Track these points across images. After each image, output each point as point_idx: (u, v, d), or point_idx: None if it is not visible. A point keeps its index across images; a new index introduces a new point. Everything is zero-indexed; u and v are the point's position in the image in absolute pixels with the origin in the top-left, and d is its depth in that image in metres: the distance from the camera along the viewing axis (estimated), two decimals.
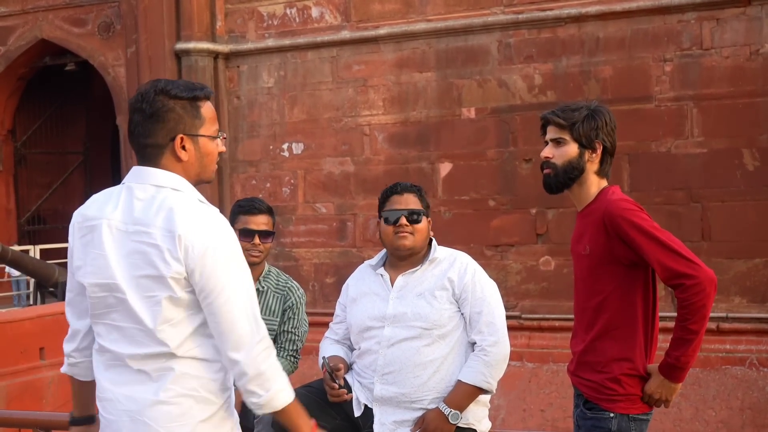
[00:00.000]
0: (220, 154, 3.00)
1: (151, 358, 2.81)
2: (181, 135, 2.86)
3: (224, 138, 3.03)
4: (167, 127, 2.85)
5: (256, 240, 4.78)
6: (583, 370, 3.53)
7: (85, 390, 3.15)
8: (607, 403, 3.45)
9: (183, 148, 2.87)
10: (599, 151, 3.54)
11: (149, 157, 2.88)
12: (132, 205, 2.84)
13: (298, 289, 4.94)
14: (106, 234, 2.85)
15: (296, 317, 4.86)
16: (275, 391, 2.83)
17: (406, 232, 4.08)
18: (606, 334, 3.45)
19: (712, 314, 11.20)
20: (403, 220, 4.08)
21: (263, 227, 4.80)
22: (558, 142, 3.57)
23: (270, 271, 4.91)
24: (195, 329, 2.83)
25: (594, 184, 3.57)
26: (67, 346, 3.10)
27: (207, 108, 2.93)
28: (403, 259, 4.14)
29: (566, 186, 3.60)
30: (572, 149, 3.54)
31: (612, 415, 3.43)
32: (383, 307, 4.08)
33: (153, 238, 2.77)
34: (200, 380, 2.83)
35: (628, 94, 11.64)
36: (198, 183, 2.95)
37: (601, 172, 3.57)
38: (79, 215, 2.98)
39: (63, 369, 3.16)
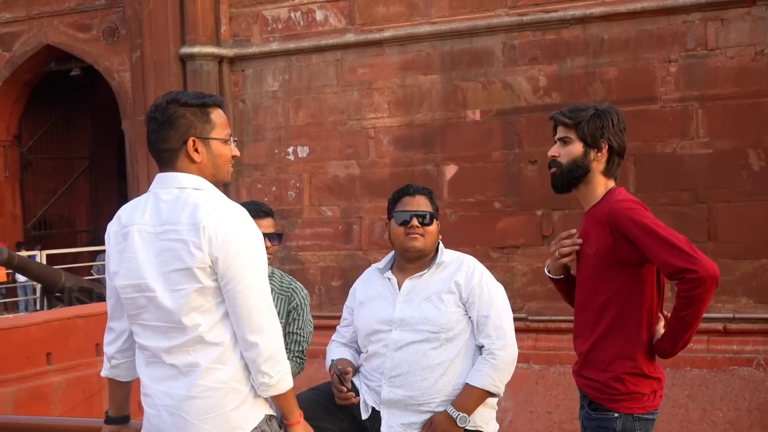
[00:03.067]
0: (234, 157, 3.21)
1: (181, 350, 3.02)
2: (192, 138, 3.09)
3: (236, 141, 3.23)
4: (179, 131, 3.08)
5: (267, 243, 4.79)
6: (588, 370, 3.54)
7: (123, 391, 3.39)
8: (611, 403, 3.45)
9: (196, 150, 3.09)
10: (605, 151, 3.54)
11: (167, 161, 3.11)
12: (159, 208, 3.07)
13: (302, 290, 4.93)
14: (137, 238, 3.08)
15: (301, 318, 4.85)
16: (283, 373, 3.05)
17: (417, 234, 4.08)
18: (610, 333, 3.46)
19: (719, 315, 11.18)
20: (415, 221, 4.08)
21: (270, 230, 4.80)
22: (564, 141, 3.59)
23: (273, 273, 4.91)
24: (222, 316, 3.03)
25: (601, 184, 3.57)
26: (110, 349, 3.30)
27: (217, 114, 3.16)
28: (411, 261, 4.14)
29: (572, 185, 3.60)
30: (577, 148, 3.56)
31: (616, 415, 3.44)
32: (390, 311, 4.08)
33: (179, 234, 2.99)
34: (227, 372, 3.02)
35: (633, 95, 11.63)
36: (215, 183, 3.16)
37: (608, 173, 3.57)
38: (114, 224, 3.20)
39: (104, 372, 3.35)
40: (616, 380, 3.44)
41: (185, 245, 2.97)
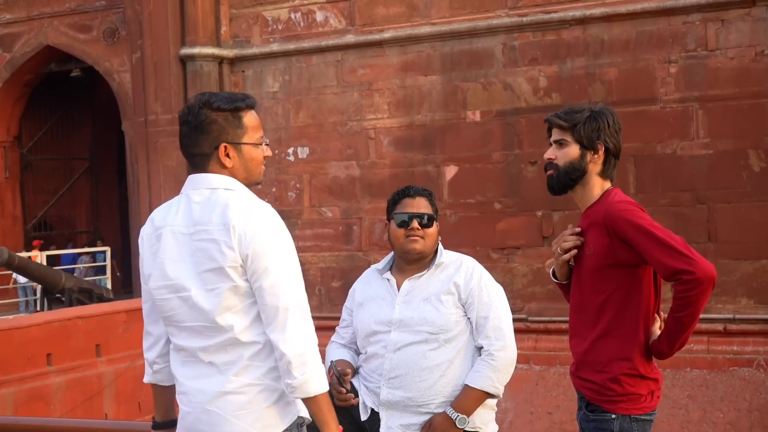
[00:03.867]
0: (266, 157, 3.22)
1: (219, 348, 3.03)
2: (224, 144, 3.08)
3: (267, 144, 3.23)
4: (211, 137, 3.08)
5: None
6: (585, 371, 3.54)
7: (167, 395, 3.37)
8: (608, 404, 3.45)
9: (227, 155, 3.09)
10: (601, 152, 3.54)
11: (198, 164, 3.12)
12: (190, 209, 3.08)
13: None
14: (169, 239, 3.10)
15: None
16: (310, 374, 2.97)
17: (417, 236, 4.07)
18: (608, 334, 3.46)
19: (719, 316, 11.18)
20: (415, 224, 4.07)
21: None
22: (561, 144, 3.59)
23: None
24: (257, 316, 3.02)
25: (597, 185, 3.57)
26: (150, 354, 3.31)
27: (249, 117, 3.14)
28: (411, 263, 4.14)
29: (568, 187, 3.60)
30: (574, 150, 3.56)
31: (613, 416, 3.43)
32: (390, 312, 4.08)
33: (211, 234, 3.01)
34: (262, 369, 3.03)
35: (633, 96, 11.64)
36: (247, 185, 3.16)
37: (604, 174, 3.58)
38: (147, 227, 3.21)
39: (146, 379, 3.36)
40: (613, 381, 3.44)
41: (217, 245, 2.98)
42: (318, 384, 3.00)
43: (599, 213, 3.47)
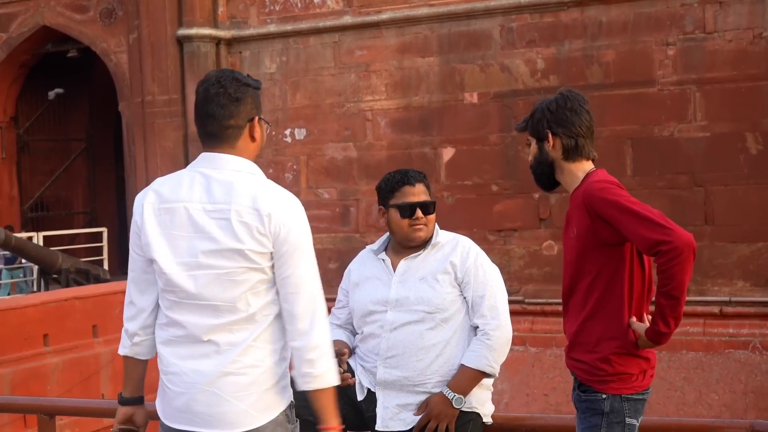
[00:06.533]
0: None
1: (224, 327, 3.03)
2: (257, 117, 3.16)
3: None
4: (246, 109, 3.13)
5: None
6: (576, 351, 3.56)
7: (140, 370, 3.34)
8: (599, 384, 3.46)
9: (256, 130, 3.16)
10: (551, 139, 3.58)
11: (228, 138, 3.11)
12: (210, 188, 3.06)
13: None
14: (184, 215, 3.07)
15: None
16: (329, 367, 3.07)
17: (422, 224, 4.09)
18: (596, 314, 3.47)
19: (715, 298, 11.18)
20: (419, 213, 4.09)
21: None
22: (528, 144, 3.73)
23: None
24: (272, 298, 3.08)
25: (576, 169, 3.60)
26: (132, 325, 3.26)
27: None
28: (412, 248, 4.15)
29: (547, 179, 3.71)
30: (534, 146, 3.69)
31: (604, 396, 3.44)
32: (386, 292, 4.08)
33: (241, 216, 3.00)
34: (265, 351, 3.06)
35: (630, 79, 11.63)
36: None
37: (568, 157, 3.61)
38: (152, 197, 3.14)
39: (122, 350, 3.31)
40: (603, 361, 3.45)
41: (247, 228, 2.99)
42: (335, 376, 3.10)
43: (579, 194, 3.50)
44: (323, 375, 3.04)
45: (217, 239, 3.01)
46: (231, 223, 3.00)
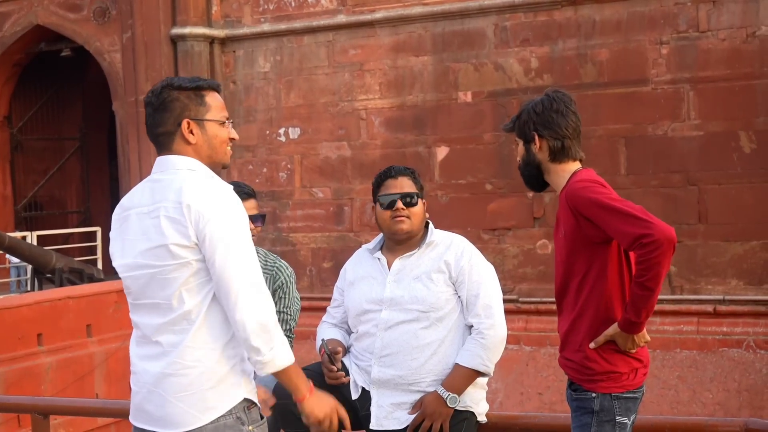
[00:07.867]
0: (232, 139, 3.27)
1: (168, 327, 3.07)
2: (187, 120, 3.16)
3: (233, 123, 3.33)
4: (174, 114, 3.16)
5: (250, 225, 4.77)
6: (567, 351, 3.57)
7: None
8: (589, 383, 3.46)
9: (191, 132, 3.16)
10: (537, 140, 3.59)
11: (163, 144, 3.19)
12: (153, 190, 3.14)
13: (287, 268, 4.90)
14: (134, 220, 3.16)
15: (287, 296, 4.83)
16: (278, 349, 3.04)
17: (403, 216, 4.08)
18: (584, 313, 3.48)
19: (709, 297, 11.19)
20: (399, 204, 4.08)
21: (253, 211, 4.78)
22: (516, 146, 3.73)
23: (258, 252, 4.88)
24: (208, 294, 3.07)
25: (562, 170, 3.62)
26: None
27: (212, 96, 3.23)
28: (400, 243, 4.15)
29: (536, 180, 3.72)
30: (521, 148, 3.70)
31: (594, 395, 3.44)
32: (380, 291, 4.09)
33: (167, 211, 3.05)
34: (204, 351, 3.06)
35: (624, 77, 11.63)
36: (214, 165, 3.23)
37: (554, 159, 3.62)
38: (117, 208, 3.28)
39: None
40: (589, 360, 3.45)
41: (173, 223, 3.03)
42: (287, 356, 3.08)
43: (564, 195, 3.52)
44: (273, 360, 3.03)
45: (150, 238, 3.08)
46: (162, 220, 3.05)
